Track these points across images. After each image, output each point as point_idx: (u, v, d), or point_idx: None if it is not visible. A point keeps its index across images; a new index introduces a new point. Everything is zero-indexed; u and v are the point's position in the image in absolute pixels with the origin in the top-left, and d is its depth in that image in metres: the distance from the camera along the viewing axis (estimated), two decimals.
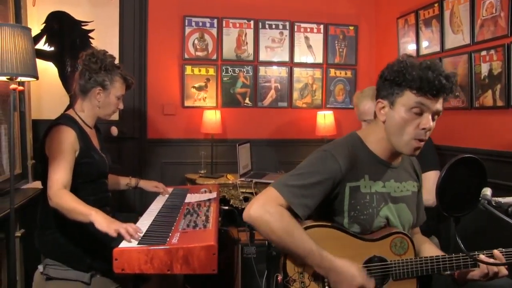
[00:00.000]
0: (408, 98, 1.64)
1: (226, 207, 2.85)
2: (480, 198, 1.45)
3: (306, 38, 4.55)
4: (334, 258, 1.61)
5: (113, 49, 4.04)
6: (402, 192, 1.82)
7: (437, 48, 3.61)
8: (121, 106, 2.58)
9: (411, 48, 3.98)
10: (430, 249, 1.90)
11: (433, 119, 1.65)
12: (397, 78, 1.65)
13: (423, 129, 1.64)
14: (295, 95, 4.55)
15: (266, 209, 1.61)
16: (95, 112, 2.51)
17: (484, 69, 3.11)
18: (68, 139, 2.28)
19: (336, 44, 4.61)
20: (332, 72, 4.62)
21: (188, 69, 4.33)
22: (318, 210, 1.72)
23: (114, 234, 1.90)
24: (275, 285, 1.71)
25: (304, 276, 1.67)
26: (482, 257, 1.67)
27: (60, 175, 2.15)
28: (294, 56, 4.53)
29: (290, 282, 1.68)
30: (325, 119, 4.35)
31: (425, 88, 1.60)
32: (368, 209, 1.74)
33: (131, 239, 1.87)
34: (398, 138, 1.68)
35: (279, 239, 1.61)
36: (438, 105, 1.64)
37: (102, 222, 1.95)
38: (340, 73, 4.64)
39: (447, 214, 1.56)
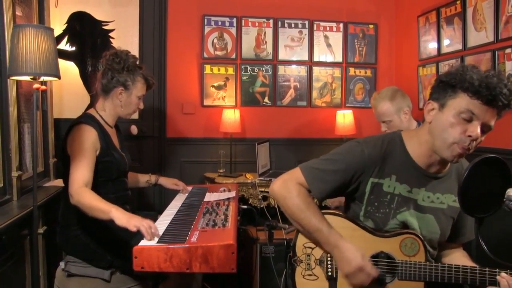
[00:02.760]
0: (460, 100, 1.56)
1: (245, 206, 2.83)
2: (504, 199, 1.43)
3: (326, 36, 4.52)
4: (342, 237, 1.67)
5: (133, 49, 4.08)
6: (434, 203, 1.76)
7: (459, 46, 3.56)
8: (141, 106, 2.60)
9: (432, 46, 3.94)
10: (455, 258, 1.84)
11: (482, 132, 1.57)
12: (453, 79, 1.59)
13: (469, 136, 1.55)
14: (314, 94, 4.53)
15: (286, 185, 1.73)
16: (117, 111, 2.53)
17: (509, 67, 3.05)
18: (89, 138, 2.30)
19: (356, 43, 4.58)
20: (351, 71, 4.59)
21: (207, 68, 4.34)
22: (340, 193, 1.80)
23: (133, 229, 1.92)
24: (287, 262, 1.81)
25: (311, 259, 1.75)
26: (504, 275, 1.57)
27: (81, 173, 2.17)
28: (313, 55, 4.52)
29: (297, 261, 1.77)
30: (345, 118, 4.33)
31: (482, 92, 1.52)
32: (386, 208, 1.73)
33: (150, 238, 1.89)
34: (441, 140, 1.62)
35: (292, 213, 1.71)
36: (490, 117, 1.55)
37: (122, 217, 1.98)
38: (360, 72, 4.61)
39: (469, 215, 1.54)
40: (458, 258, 1.84)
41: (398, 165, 1.72)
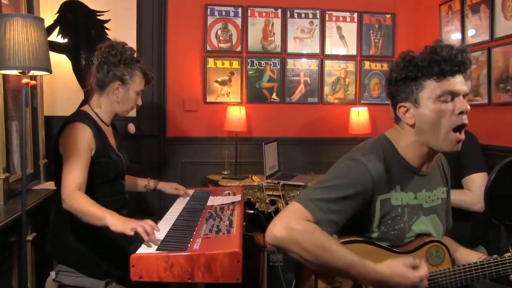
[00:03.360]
0: (431, 88, 1.62)
1: (251, 211, 2.83)
2: None
3: (338, 27, 4.50)
4: (375, 265, 1.56)
5: (131, 41, 4.06)
6: (433, 202, 1.78)
7: (485, 37, 3.52)
8: (139, 102, 2.60)
9: (455, 37, 3.90)
10: (465, 254, 1.86)
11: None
12: (409, 73, 1.63)
13: (461, 113, 1.60)
14: (326, 90, 4.51)
15: (293, 227, 1.54)
16: (113, 108, 2.53)
17: None
18: (83, 137, 2.30)
19: (371, 34, 4.55)
20: (366, 64, 4.56)
21: (211, 62, 4.33)
22: (345, 224, 1.66)
23: (130, 233, 1.92)
24: None
25: None
26: None
27: (74, 175, 2.17)
28: (325, 47, 4.49)
29: None
30: (359, 116, 4.30)
31: (445, 69, 1.58)
32: (400, 223, 1.70)
33: (150, 244, 1.88)
34: (435, 135, 1.63)
35: (315, 257, 1.54)
36: (464, 84, 1.63)
37: (117, 223, 1.97)
38: (376, 65, 4.58)
39: (497, 221, 1.51)
40: (466, 254, 1.86)
41: (398, 174, 1.70)
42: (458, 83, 1.61)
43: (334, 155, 4.27)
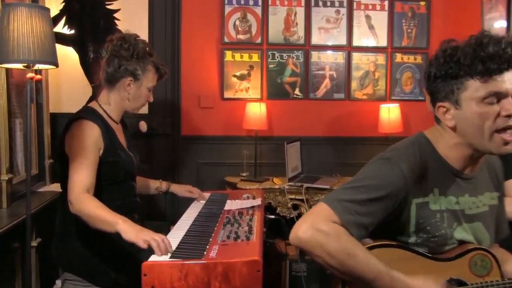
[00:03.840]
0: (474, 88, 1.53)
1: (272, 216, 2.81)
2: None
3: (367, 17, 4.48)
4: (406, 278, 1.54)
5: (142, 32, 4.09)
6: (479, 208, 1.73)
7: None
8: (151, 99, 2.59)
9: (498, 25, 3.83)
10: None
11: None
12: (450, 70, 1.56)
13: (507, 116, 1.53)
14: (354, 85, 4.49)
15: (319, 229, 1.53)
16: (123, 105, 2.53)
17: None
18: (91, 135, 2.30)
19: (404, 24, 4.51)
20: (398, 57, 4.53)
21: (228, 55, 4.34)
22: (378, 226, 1.65)
23: (144, 246, 1.91)
24: None
25: None
26: None
27: (82, 177, 2.17)
28: (352, 38, 4.48)
29: None
30: (390, 113, 4.27)
31: (491, 68, 1.50)
32: (440, 230, 1.66)
33: (162, 254, 1.87)
34: (478, 138, 1.58)
35: (339, 263, 1.52)
36: (511, 84, 1.53)
37: (130, 231, 1.96)
38: (408, 58, 4.54)
39: None
40: (503, 256, 1.80)
41: (437, 176, 1.67)
42: (506, 82, 1.52)
43: (362, 156, 4.26)
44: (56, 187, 3.17)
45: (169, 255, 1.87)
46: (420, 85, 4.50)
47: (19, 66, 2.38)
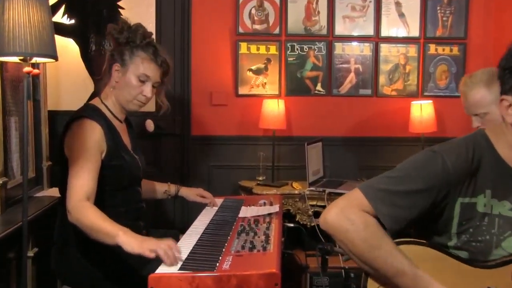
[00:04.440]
0: None
1: (291, 224, 2.81)
2: None
3: (397, 3, 4.46)
4: (433, 281, 1.57)
5: (149, 22, 4.13)
6: None
7: None
8: (147, 93, 2.52)
9: None
10: None
11: None
12: None
13: None
14: (382, 79, 4.48)
15: (347, 215, 1.60)
16: (118, 98, 2.53)
17: None
18: (93, 136, 2.32)
19: (439, 11, 4.48)
20: (432, 48, 4.51)
21: (243, 47, 4.35)
22: (415, 226, 1.69)
23: (150, 255, 1.91)
24: None
25: None
26: None
27: (82, 182, 2.18)
28: (380, 28, 4.46)
29: None
30: (422, 111, 4.24)
31: None
32: (485, 235, 1.66)
33: (171, 263, 1.88)
34: None
35: (361, 253, 1.60)
36: None
37: (132, 242, 1.96)
38: (444, 49, 4.52)
39: None
40: None
41: (492, 177, 1.67)
42: None
43: (391, 158, 4.25)
44: (54, 192, 3.18)
45: (179, 265, 1.88)
46: (457, 80, 4.46)
47: (15, 59, 2.39)
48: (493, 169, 1.67)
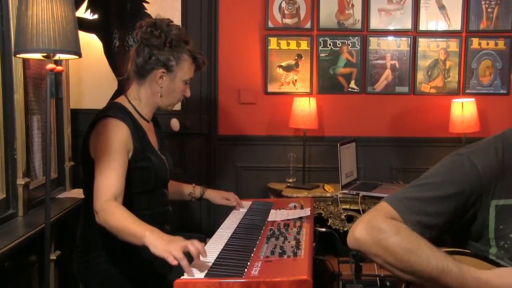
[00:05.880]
0: None
1: (323, 229, 2.82)
2: None
3: None
4: (479, 271, 1.53)
5: (174, 17, 4.16)
6: None
7: None
8: (188, 94, 2.63)
9: None
10: None
11: None
12: None
13: None
14: (420, 76, 4.45)
15: (375, 226, 1.59)
16: (156, 101, 2.57)
17: None
18: (119, 136, 2.34)
19: (483, 2, 4.43)
20: (475, 42, 4.46)
21: (273, 42, 4.36)
22: (450, 231, 1.67)
23: (173, 262, 1.88)
24: None
25: None
26: None
27: (110, 182, 2.21)
28: (419, 21, 4.43)
29: None
30: (464, 110, 4.21)
31: None
32: None
33: (197, 267, 1.89)
34: None
35: (400, 259, 1.55)
36: None
37: (158, 244, 1.95)
38: (488, 43, 4.47)
39: None
40: None
41: None
42: None
43: (429, 160, 4.21)
44: (77, 193, 3.22)
45: (205, 271, 1.88)
46: (502, 76, 4.42)
47: (38, 56, 2.42)
48: None
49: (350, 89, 4.42)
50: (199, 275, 1.86)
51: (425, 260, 1.54)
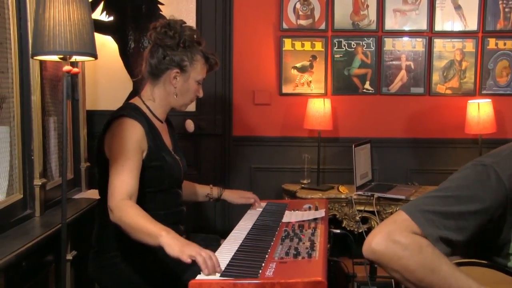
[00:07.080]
0: None
1: (338, 231, 2.80)
2: None
3: None
4: None
5: (189, 18, 4.19)
6: None
7: None
8: (200, 94, 2.65)
9: None
10: None
11: None
12: None
13: None
14: (436, 77, 4.44)
15: (396, 240, 1.52)
16: (170, 101, 2.59)
17: None
18: (134, 135, 2.36)
19: (500, 2, 4.40)
20: (491, 43, 4.44)
21: (287, 44, 4.37)
22: (470, 244, 1.62)
23: (187, 260, 1.92)
24: None
25: None
26: None
27: (124, 181, 2.22)
28: (434, 22, 4.41)
29: None
30: (480, 111, 4.18)
31: None
32: None
33: (209, 272, 1.89)
34: None
35: (419, 279, 1.52)
36: None
37: (174, 244, 1.96)
38: (505, 44, 4.43)
39: None
40: None
41: None
42: None
43: (445, 161, 4.21)
44: (92, 194, 3.25)
45: (218, 275, 1.88)
46: None
47: (55, 58, 2.45)
48: None
49: (364, 90, 4.42)
50: (213, 275, 1.87)
51: (447, 282, 1.50)
